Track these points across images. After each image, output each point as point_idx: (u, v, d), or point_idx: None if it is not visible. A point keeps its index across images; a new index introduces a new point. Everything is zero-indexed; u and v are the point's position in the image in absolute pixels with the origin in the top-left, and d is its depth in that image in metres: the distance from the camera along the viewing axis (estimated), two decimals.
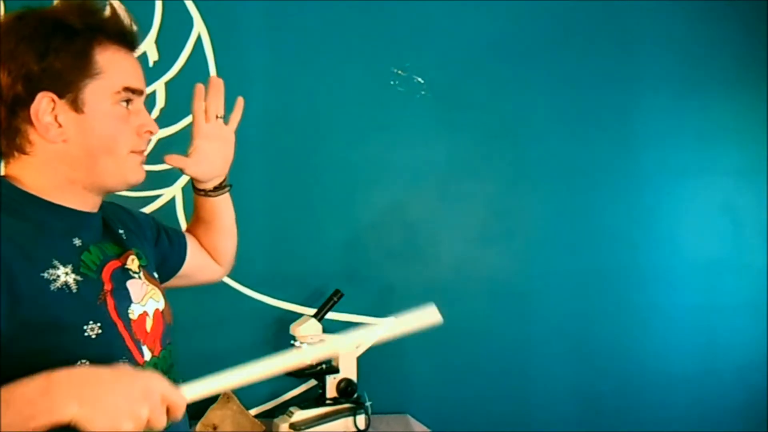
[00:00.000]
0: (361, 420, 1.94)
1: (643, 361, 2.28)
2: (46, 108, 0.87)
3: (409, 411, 2.13)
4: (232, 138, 1.21)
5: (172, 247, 1.20)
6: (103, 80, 0.90)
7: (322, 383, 1.97)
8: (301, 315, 2.05)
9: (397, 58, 2.17)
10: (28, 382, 0.71)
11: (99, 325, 0.85)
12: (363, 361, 2.02)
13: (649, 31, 2.29)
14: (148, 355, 0.93)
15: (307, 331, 1.92)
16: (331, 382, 1.95)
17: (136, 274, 0.98)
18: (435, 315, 0.91)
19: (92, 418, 0.70)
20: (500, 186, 2.24)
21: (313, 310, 2.02)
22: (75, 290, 0.85)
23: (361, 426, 1.94)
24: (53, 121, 0.88)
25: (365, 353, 2.11)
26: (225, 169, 1.22)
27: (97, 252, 0.92)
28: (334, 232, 2.16)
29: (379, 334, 0.88)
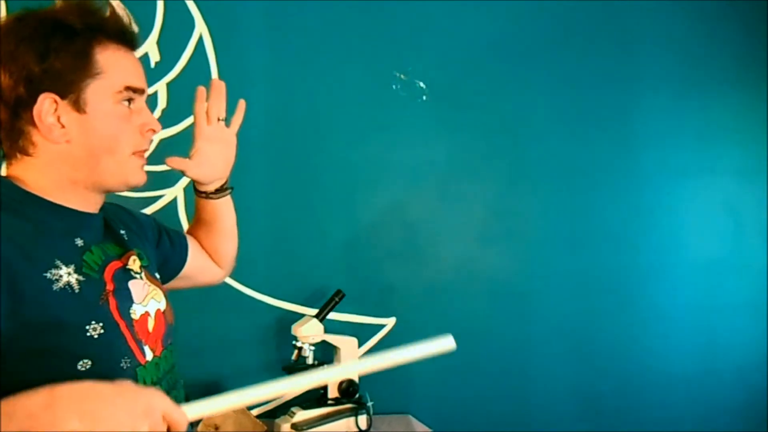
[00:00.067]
0: (363, 420, 1.94)
1: (644, 361, 2.28)
2: (49, 109, 0.87)
3: (411, 411, 2.14)
4: (234, 140, 1.21)
5: (173, 249, 1.20)
6: (104, 80, 0.90)
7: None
8: (303, 315, 2.06)
9: (398, 59, 2.17)
10: (30, 396, 0.70)
11: (101, 325, 0.85)
12: None
13: (649, 31, 2.29)
14: (149, 355, 0.93)
15: (309, 332, 1.92)
16: (333, 383, 1.96)
17: (137, 275, 0.98)
18: (450, 343, 0.92)
19: None
20: (500, 186, 2.25)
21: (315, 311, 2.03)
22: (77, 290, 0.84)
23: (363, 426, 1.94)
24: (56, 121, 0.88)
25: (367, 354, 2.11)
26: (226, 172, 1.22)
27: (99, 252, 0.92)
28: (335, 232, 2.16)
29: (394, 360, 0.90)
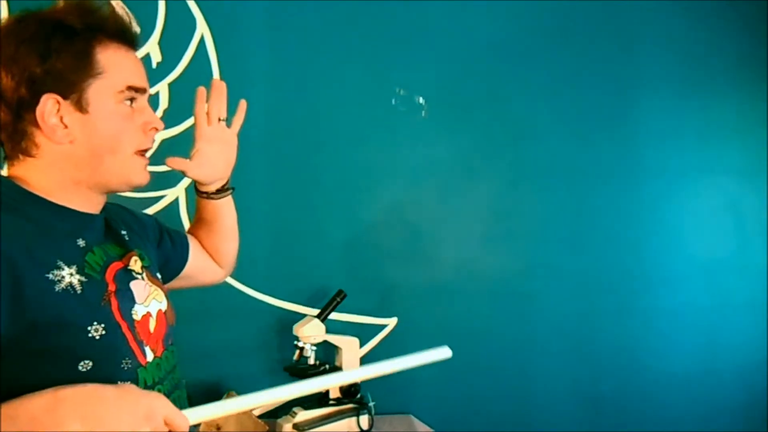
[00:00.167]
0: (365, 420, 1.95)
1: (645, 361, 2.28)
2: (52, 109, 0.87)
3: (412, 411, 2.14)
4: (235, 141, 1.21)
5: (174, 249, 1.20)
6: (106, 79, 0.90)
7: None
8: (304, 315, 2.06)
9: (398, 60, 2.17)
10: (33, 398, 0.71)
11: (103, 326, 0.85)
12: (366, 361, 2.02)
13: (649, 32, 2.29)
14: (150, 356, 0.93)
15: (310, 332, 1.92)
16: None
17: (138, 275, 0.98)
18: (447, 353, 0.95)
19: None
20: (501, 186, 2.25)
21: (316, 311, 2.03)
22: (79, 291, 0.84)
23: (365, 426, 1.94)
24: (59, 122, 0.88)
25: (368, 354, 2.12)
26: (227, 172, 1.22)
27: (101, 253, 0.92)
28: (337, 232, 2.16)
29: (393, 368, 0.94)
